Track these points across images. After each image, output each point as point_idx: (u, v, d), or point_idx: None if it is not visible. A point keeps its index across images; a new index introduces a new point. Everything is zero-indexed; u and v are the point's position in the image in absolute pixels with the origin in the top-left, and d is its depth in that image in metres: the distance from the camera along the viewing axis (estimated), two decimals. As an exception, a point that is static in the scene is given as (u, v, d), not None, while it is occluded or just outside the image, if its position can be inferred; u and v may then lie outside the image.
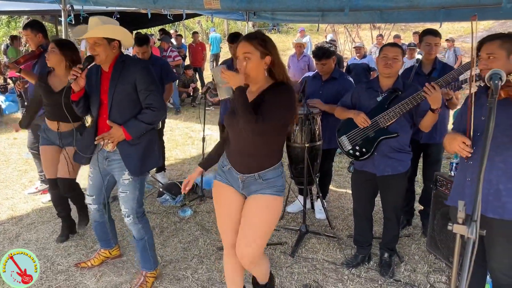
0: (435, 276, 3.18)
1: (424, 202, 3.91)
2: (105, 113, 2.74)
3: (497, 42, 2.11)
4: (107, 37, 2.64)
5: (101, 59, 2.67)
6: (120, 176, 2.79)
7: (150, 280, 3.00)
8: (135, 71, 2.69)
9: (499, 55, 2.10)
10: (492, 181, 2.16)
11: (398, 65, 2.95)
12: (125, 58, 2.77)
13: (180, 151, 6.74)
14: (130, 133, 2.69)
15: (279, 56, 2.25)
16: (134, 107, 2.73)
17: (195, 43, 11.82)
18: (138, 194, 2.84)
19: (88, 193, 3.01)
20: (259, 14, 7.04)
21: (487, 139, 1.42)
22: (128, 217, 2.85)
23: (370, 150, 3.00)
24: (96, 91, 2.75)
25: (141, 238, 2.93)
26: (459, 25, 18.14)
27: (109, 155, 2.80)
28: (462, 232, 1.33)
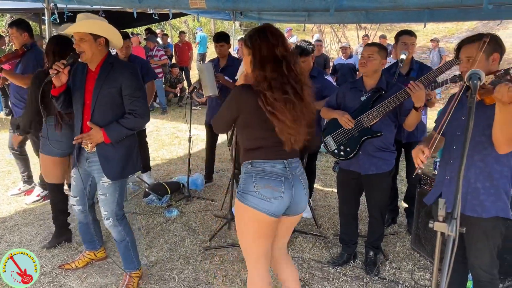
0: (419, 273, 3.22)
1: (408, 201, 3.96)
2: (87, 114, 2.69)
3: (476, 44, 2.12)
4: (93, 32, 2.58)
5: (87, 57, 2.61)
6: (100, 179, 2.76)
7: (135, 280, 2.98)
8: (123, 75, 2.65)
9: (478, 57, 2.12)
10: (471, 180, 2.20)
11: (373, 63, 2.96)
12: (113, 60, 2.72)
13: (166, 151, 6.71)
14: (110, 136, 2.65)
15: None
16: (117, 110, 2.69)
17: (181, 43, 11.77)
18: (118, 196, 2.81)
19: (72, 194, 2.97)
20: (245, 13, 7.05)
21: (466, 138, 1.44)
22: (108, 219, 2.83)
23: (354, 150, 3.03)
24: (80, 89, 2.70)
25: (122, 240, 2.90)
26: (444, 26, 18.38)
27: (89, 156, 2.76)
28: (443, 229, 1.36)
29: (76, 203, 2.96)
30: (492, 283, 2.28)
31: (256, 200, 2.07)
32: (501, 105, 1.89)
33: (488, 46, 2.10)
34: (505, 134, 1.99)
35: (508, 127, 1.95)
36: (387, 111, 2.90)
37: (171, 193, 4.60)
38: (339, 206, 3.41)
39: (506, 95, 1.77)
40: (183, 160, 6.12)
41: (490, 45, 2.11)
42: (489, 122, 2.07)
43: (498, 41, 2.15)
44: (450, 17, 5.71)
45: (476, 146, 2.16)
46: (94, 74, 2.68)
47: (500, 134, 2.00)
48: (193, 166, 5.62)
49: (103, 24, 2.64)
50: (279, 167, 2.12)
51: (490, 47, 2.11)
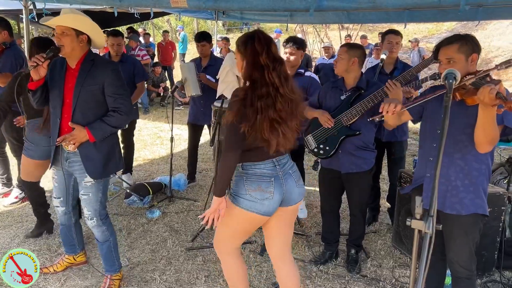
0: (400, 270, 3.27)
1: (391, 200, 4.01)
2: (67, 112, 2.62)
3: (455, 46, 2.15)
4: (76, 28, 2.53)
5: (66, 52, 2.54)
6: (82, 179, 2.70)
7: (116, 282, 2.94)
8: (104, 72, 2.60)
9: (458, 58, 2.15)
10: (451, 178, 2.24)
11: (340, 63, 3.04)
12: (94, 57, 2.66)
13: (148, 151, 6.65)
14: (94, 135, 2.59)
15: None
16: (99, 109, 2.65)
17: (165, 42, 11.69)
18: (101, 196, 2.77)
19: (55, 196, 2.91)
20: (228, 13, 7.03)
21: (442, 137, 1.46)
22: (92, 219, 2.78)
23: (334, 148, 3.06)
24: (58, 87, 2.62)
25: (106, 241, 2.86)
26: (424, 26, 18.68)
27: (70, 156, 2.70)
28: (420, 227, 1.38)
29: (60, 204, 2.90)
30: (470, 279, 2.33)
31: (247, 203, 2.18)
32: (483, 107, 1.91)
33: (467, 47, 2.14)
34: (487, 135, 2.02)
35: (490, 128, 1.99)
36: (366, 110, 2.94)
37: (153, 194, 4.56)
38: (321, 204, 3.43)
39: (487, 97, 1.79)
40: (165, 160, 6.08)
41: (468, 46, 2.14)
42: (469, 121, 2.11)
43: (475, 41, 2.18)
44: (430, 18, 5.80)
45: (456, 144, 2.20)
46: (74, 72, 2.62)
47: (483, 134, 2.04)
48: (176, 166, 5.59)
49: (88, 21, 2.59)
50: (268, 167, 2.21)
51: (469, 48, 2.15)
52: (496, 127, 2.00)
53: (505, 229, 3.19)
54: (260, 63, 2.09)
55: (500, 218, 3.08)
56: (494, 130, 2.00)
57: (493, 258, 3.15)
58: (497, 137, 2.04)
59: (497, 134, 2.03)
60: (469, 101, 2.03)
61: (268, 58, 2.10)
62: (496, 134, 2.03)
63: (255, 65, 2.10)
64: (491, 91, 1.78)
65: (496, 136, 2.03)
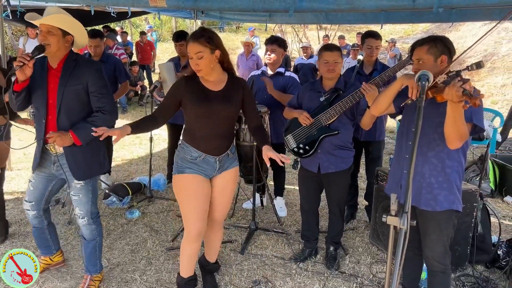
0: (377, 266, 3.34)
1: (368, 198, 4.09)
2: (52, 114, 2.58)
3: (425, 47, 2.25)
4: (63, 28, 2.51)
5: (52, 51, 2.51)
6: (72, 180, 2.68)
7: (96, 283, 2.93)
8: (88, 72, 2.58)
9: (426, 59, 2.25)
10: (425, 175, 2.31)
11: (339, 67, 3.10)
12: (77, 56, 2.64)
13: (127, 151, 6.59)
14: (79, 137, 2.56)
15: (224, 47, 2.49)
16: (83, 109, 2.63)
17: (143, 43, 11.57)
18: (91, 196, 2.77)
19: (26, 199, 2.85)
20: (207, 12, 7.02)
21: (416, 136, 1.52)
22: (83, 218, 2.77)
23: (313, 148, 3.11)
24: (41, 87, 2.58)
25: (93, 240, 2.85)
26: (400, 27, 19.04)
27: (57, 159, 2.67)
28: (395, 223, 1.43)
29: (31, 208, 2.84)
30: (445, 273, 2.41)
31: None
32: (451, 103, 1.99)
33: (436, 49, 2.23)
34: (456, 130, 2.10)
35: (458, 123, 2.06)
36: (344, 110, 3.00)
37: (132, 194, 4.53)
38: (301, 203, 3.48)
39: (454, 94, 1.87)
40: (144, 160, 6.04)
41: (438, 48, 2.23)
42: (441, 120, 2.18)
43: (447, 44, 2.26)
44: (405, 19, 5.94)
45: (430, 143, 2.28)
46: (56, 72, 2.58)
47: (451, 130, 2.11)
48: (155, 167, 5.56)
49: (74, 21, 2.58)
50: None
51: (438, 50, 2.23)
52: (464, 123, 2.07)
53: (477, 225, 3.30)
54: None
55: (473, 214, 3.19)
56: (462, 126, 2.07)
57: (466, 253, 3.26)
58: (466, 133, 2.12)
59: (466, 130, 2.10)
60: (439, 98, 2.10)
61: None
62: (464, 130, 2.10)
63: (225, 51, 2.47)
64: (457, 88, 1.85)
65: (465, 132, 2.11)
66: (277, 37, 4.03)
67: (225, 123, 2.58)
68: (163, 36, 21.14)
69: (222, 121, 2.55)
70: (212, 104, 2.49)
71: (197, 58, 2.37)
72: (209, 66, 2.42)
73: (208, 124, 2.52)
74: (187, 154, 2.57)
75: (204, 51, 2.37)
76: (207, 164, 2.58)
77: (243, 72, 8.20)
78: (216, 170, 2.63)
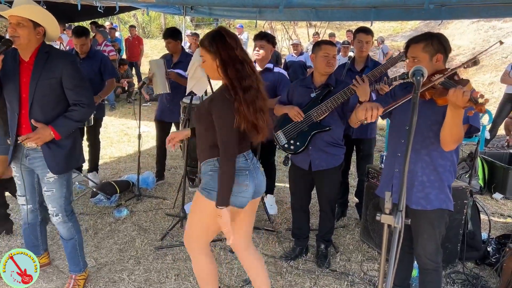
0: (368, 264, 3.33)
1: (359, 195, 4.08)
2: (25, 108, 2.51)
3: (420, 45, 2.21)
4: (34, 20, 2.43)
5: (22, 43, 2.42)
6: (44, 175, 2.61)
7: (81, 282, 2.87)
8: (61, 64, 2.50)
9: (422, 58, 2.21)
10: (417, 173, 2.29)
11: (336, 62, 3.10)
12: (49, 49, 2.55)
13: (115, 149, 6.50)
14: (59, 132, 2.51)
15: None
16: (58, 103, 2.55)
17: (132, 37, 11.44)
18: (65, 191, 2.69)
19: (18, 193, 2.80)
20: (196, 8, 6.95)
21: (410, 133, 1.49)
22: (57, 216, 2.69)
23: (304, 144, 3.08)
24: (13, 81, 2.50)
25: (71, 238, 2.77)
26: (389, 25, 19.12)
27: (29, 152, 2.60)
28: (389, 221, 1.40)
29: (26, 202, 2.79)
30: (436, 270, 2.40)
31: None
32: (453, 108, 1.94)
33: (432, 47, 2.19)
34: (453, 134, 2.07)
35: (457, 128, 2.03)
36: (336, 106, 2.98)
37: (120, 192, 4.46)
38: (291, 200, 3.45)
39: (461, 100, 1.82)
40: (133, 158, 5.96)
41: (434, 46, 2.19)
42: (436, 118, 2.16)
43: (442, 42, 2.23)
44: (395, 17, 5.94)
45: (424, 141, 2.24)
46: (28, 65, 2.50)
47: (449, 134, 2.08)
48: (144, 164, 5.49)
49: (45, 13, 2.50)
50: (242, 161, 2.23)
51: (434, 48, 2.20)
52: (461, 127, 2.05)
53: (467, 222, 3.31)
54: (238, 57, 2.10)
55: (463, 211, 3.20)
56: (460, 129, 2.05)
57: (456, 250, 3.26)
58: (462, 136, 2.10)
59: (462, 134, 2.09)
60: (440, 101, 2.06)
61: (242, 51, 2.13)
62: (461, 134, 2.08)
63: (233, 60, 2.10)
64: (464, 94, 1.80)
65: (461, 135, 2.09)
66: (266, 33, 3.99)
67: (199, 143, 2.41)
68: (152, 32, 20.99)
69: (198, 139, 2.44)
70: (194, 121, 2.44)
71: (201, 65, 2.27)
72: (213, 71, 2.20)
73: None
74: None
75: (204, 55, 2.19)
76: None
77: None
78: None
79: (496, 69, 11.35)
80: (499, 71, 10.70)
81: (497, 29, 13.00)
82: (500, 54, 11.88)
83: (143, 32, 19.90)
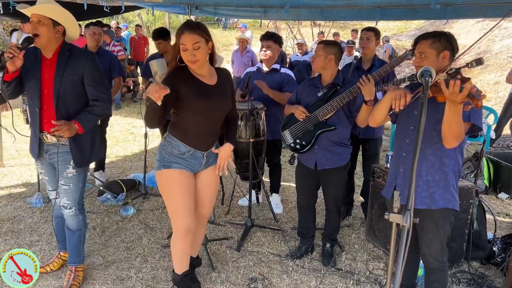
0: (373, 263, 3.34)
1: (364, 194, 4.09)
2: (47, 103, 2.61)
3: (428, 41, 2.22)
4: (53, 18, 2.51)
5: (42, 42, 2.52)
6: (64, 170, 2.70)
7: (81, 274, 2.94)
8: (83, 62, 2.61)
9: (429, 54, 2.22)
10: (422, 173, 2.29)
11: (317, 60, 3.09)
12: (71, 47, 2.65)
13: (121, 148, 6.53)
14: (83, 126, 2.62)
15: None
16: (79, 98, 2.67)
17: (137, 36, 11.46)
18: (81, 186, 2.80)
19: (49, 188, 2.89)
20: (201, 8, 6.96)
21: (419, 133, 1.51)
22: (70, 209, 2.78)
23: (310, 143, 3.10)
24: (35, 77, 2.59)
25: (78, 229, 2.87)
26: (393, 24, 19.09)
27: (49, 148, 2.70)
28: (398, 221, 1.42)
29: (57, 195, 2.84)
30: (442, 270, 2.41)
31: None
32: (450, 104, 1.97)
33: (439, 44, 2.20)
34: (453, 130, 2.09)
35: (456, 124, 2.05)
36: (341, 105, 2.99)
37: (127, 191, 4.49)
38: (297, 199, 3.46)
39: (457, 94, 1.84)
40: (139, 157, 6.00)
41: (441, 43, 2.20)
42: (440, 118, 2.16)
43: (450, 40, 2.24)
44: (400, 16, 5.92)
45: (428, 140, 2.25)
46: (51, 62, 2.60)
47: (449, 130, 2.10)
48: (149, 163, 5.50)
49: (66, 12, 2.59)
50: None
51: (441, 45, 2.20)
52: (461, 123, 2.06)
53: (473, 222, 3.31)
54: None
55: (469, 211, 3.20)
56: (460, 126, 2.06)
57: (462, 250, 3.27)
58: (463, 133, 2.11)
59: (463, 130, 2.09)
60: (440, 98, 2.08)
61: None
62: (462, 130, 2.09)
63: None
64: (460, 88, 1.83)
65: (462, 132, 2.09)
66: (272, 33, 4.01)
67: (221, 119, 2.58)
68: (156, 32, 20.93)
69: (218, 117, 2.55)
70: (212, 99, 2.45)
71: (193, 49, 2.30)
72: (205, 57, 2.39)
73: (204, 120, 2.48)
74: (175, 149, 2.50)
75: (201, 41, 2.32)
76: (194, 159, 2.56)
77: (238, 68, 8.16)
78: (202, 166, 2.60)
79: (501, 68, 11.31)
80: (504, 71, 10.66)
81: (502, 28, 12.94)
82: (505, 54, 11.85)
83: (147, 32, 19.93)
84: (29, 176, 5.06)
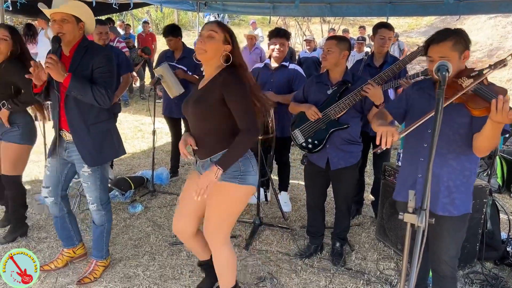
0: (384, 263, 3.29)
1: (375, 193, 4.03)
2: (63, 101, 2.62)
3: (449, 43, 2.04)
4: (77, 15, 2.52)
5: (68, 39, 2.52)
6: (80, 168, 2.74)
7: (100, 269, 2.94)
8: (96, 57, 2.57)
9: (452, 56, 2.03)
10: (443, 178, 2.17)
11: (331, 56, 2.98)
12: (88, 43, 2.64)
13: (129, 145, 6.53)
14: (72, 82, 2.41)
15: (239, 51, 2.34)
16: None
17: (145, 33, 11.46)
18: (99, 183, 2.80)
19: (44, 185, 2.88)
20: (210, 4, 6.95)
21: (435, 132, 1.44)
22: (92, 204, 2.84)
23: (322, 142, 3.04)
24: None
25: (101, 225, 2.91)
26: (404, 21, 18.90)
27: (69, 145, 2.72)
28: (412, 221, 1.37)
29: (48, 194, 2.87)
30: (454, 277, 2.32)
31: (255, 178, 2.35)
32: (494, 123, 1.84)
33: (461, 44, 2.06)
34: (492, 144, 2.00)
35: (496, 139, 1.97)
36: (354, 103, 2.92)
37: (135, 188, 4.48)
38: (306, 198, 3.42)
39: (507, 118, 1.73)
40: (147, 154, 5.99)
41: (462, 42, 2.06)
42: (463, 121, 2.06)
43: (467, 36, 2.10)
44: (411, 12, 5.86)
45: (450, 145, 2.13)
46: (68, 59, 2.60)
47: (488, 144, 2.00)
48: (157, 160, 5.51)
49: (85, 7, 2.59)
50: None
51: (463, 45, 2.06)
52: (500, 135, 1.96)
53: (486, 221, 3.24)
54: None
55: (482, 211, 3.13)
56: (499, 138, 1.98)
57: (475, 250, 3.20)
58: (499, 142, 2.03)
59: (500, 139, 2.02)
60: (477, 112, 1.93)
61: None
62: (499, 141, 2.02)
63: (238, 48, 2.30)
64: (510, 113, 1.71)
65: (499, 142, 2.03)
66: (284, 30, 3.95)
67: (203, 127, 2.30)
68: (165, 29, 20.96)
69: (197, 125, 2.33)
70: (188, 104, 2.33)
71: (206, 36, 2.19)
72: (214, 54, 2.21)
73: (192, 126, 2.40)
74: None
75: (218, 33, 2.20)
76: (196, 166, 2.51)
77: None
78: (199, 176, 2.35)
79: (514, 65, 11.14)
80: (517, 68, 10.50)
81: (515, 24, 12.75)
82: (518, 50, 11.65)
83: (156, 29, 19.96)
84: (38, 173, 5.07)
